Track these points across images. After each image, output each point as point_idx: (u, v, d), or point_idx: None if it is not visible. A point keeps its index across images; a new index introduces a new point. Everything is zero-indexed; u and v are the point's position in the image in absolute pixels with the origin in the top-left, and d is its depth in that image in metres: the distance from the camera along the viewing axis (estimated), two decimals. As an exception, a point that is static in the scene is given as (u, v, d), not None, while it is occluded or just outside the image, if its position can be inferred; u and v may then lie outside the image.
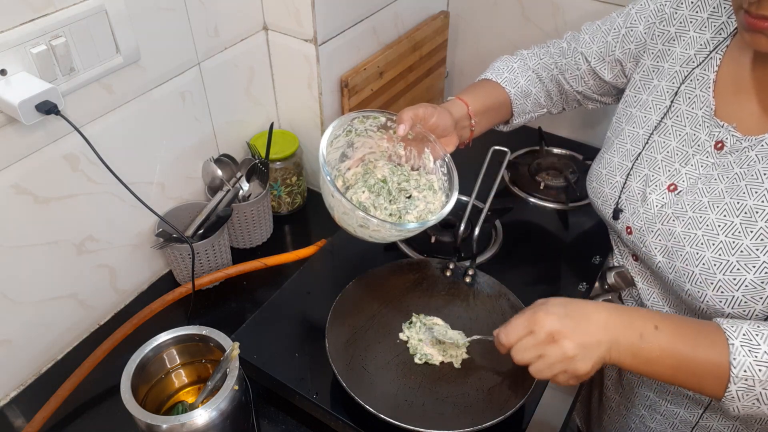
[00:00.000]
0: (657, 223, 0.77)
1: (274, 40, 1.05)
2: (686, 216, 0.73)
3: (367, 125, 0.86)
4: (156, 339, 0.75)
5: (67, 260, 0.87)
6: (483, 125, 0.94)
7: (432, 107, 0.85)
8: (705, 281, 0.70)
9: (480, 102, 0.93)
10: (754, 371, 0.60)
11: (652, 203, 0.78)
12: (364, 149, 0.88)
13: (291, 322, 0.89)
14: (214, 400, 0.68)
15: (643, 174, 0.80)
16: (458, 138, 0.90)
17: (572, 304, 0.67)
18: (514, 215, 1.07)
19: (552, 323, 0.65)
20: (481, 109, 0.93)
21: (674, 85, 0.79)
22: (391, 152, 0.89)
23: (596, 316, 0.66)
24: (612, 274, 0.97)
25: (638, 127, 0.83)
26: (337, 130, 0.84)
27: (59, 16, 0.72)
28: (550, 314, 0.66)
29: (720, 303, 0.69)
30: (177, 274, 1.02)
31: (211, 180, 1.04)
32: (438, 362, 0.80)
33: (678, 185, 0.76)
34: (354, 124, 0.86)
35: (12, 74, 0.70)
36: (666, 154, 0.78)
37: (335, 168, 0.85)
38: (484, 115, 0.93)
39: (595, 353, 0.65)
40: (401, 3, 1.16)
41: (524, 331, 0.67)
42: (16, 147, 0.74)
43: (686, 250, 0.72)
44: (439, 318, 0.86)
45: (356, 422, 0.75)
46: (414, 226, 0.78)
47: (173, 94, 0.93)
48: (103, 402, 0.86)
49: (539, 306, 0.68)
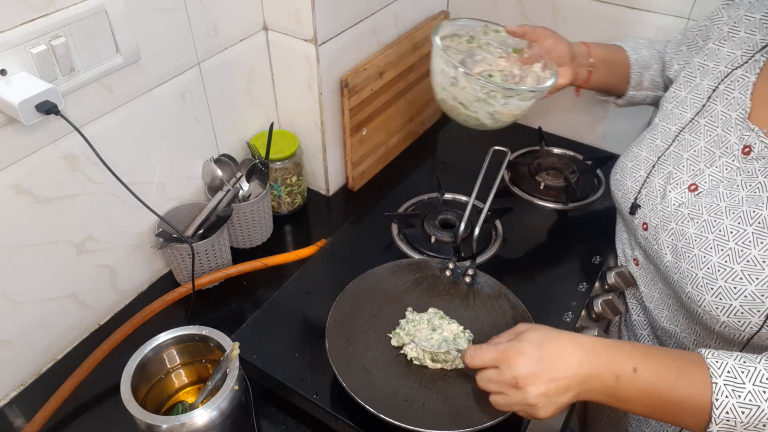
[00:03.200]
0: (672, 222, 0.76)
1: (274, 40, 1.05)
2: (701, 218, 0.72)
3: (489, 38, 0.93)
4: (156, 339, 0.75)
5: (67, 260, 0.87)
6: (601, 74, 0.94)
7: (552, 31, 0.88)
8: (706, 286, 0.69)
9: (601, 49, 0.93)
10: (737, 413, 0.58)
11: (671, 201, 0.77)
12: (483, 65, 0.94)
13: (291, 322, 0.89)
14: (214, 400, 0.68)
15: (666, 171, 0.79)
16: (574, 73, 0.90)
17: (548, 344, 0.65)
18: (514, 215, 1.07)
19: (520, 367, 0.64)
20: (601, 56, 0.93)
21: (714, 84, 0.78)
22: (507, 72, 0.92)
23: (571, 359, 0.63)
24: (612, 274, 0.97)
25: (671, 124, 0.82)
26: (459, 29, 0.94)
27: (59, 16, 0.72)
28: (521, 355, 0.64)
29: (717, 310, 0.68)
30: (177, 274, 1.02)
31: (211, 180, 1.04)
32: (436, 368, 0.80)
33: (699, 186, 0.75)
34: (477, 34, 0.94)
35: (12, 74, 0.70)
36: (692, 153, 0.77)
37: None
38: (603, 64, 0.93)
39: (559, 400, 0.63)
40: (401, 3, 1.16)
41: (491, 363, 0.67)
42: (16, 147, 0.74)
43: (694, 252, 0.71)
44: (434, 308, 0.86)
45: (356, 422, 0.75)
46: (531, 88, 0.85)
47: (173, 94, 0.93)
48: (103, 402, 0.86)
49: (514, 342, 0.66)
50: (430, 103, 1.38)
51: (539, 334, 0.66)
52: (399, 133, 1.29)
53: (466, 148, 1.29)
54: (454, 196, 1.13)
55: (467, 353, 0.70)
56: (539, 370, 0.63)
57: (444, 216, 1.07)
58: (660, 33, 1.13)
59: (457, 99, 0.91)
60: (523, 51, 0.96)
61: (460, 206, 1.10)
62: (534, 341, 0.65)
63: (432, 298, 0.89)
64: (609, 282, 0.97)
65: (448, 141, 1.34)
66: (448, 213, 1.08)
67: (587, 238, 1.07)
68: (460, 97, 0.90)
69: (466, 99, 0.89)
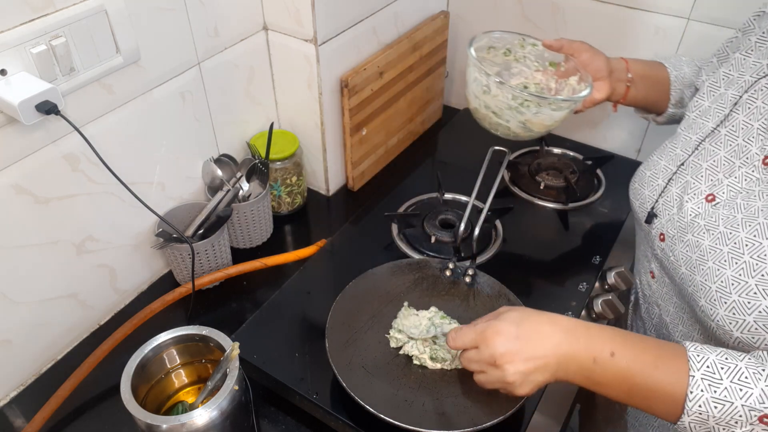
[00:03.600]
0: (688, 233, 0.75)
1: (274, 40, 1.05)
2: (717, 230, 0.71)
3: (526, 51, 0.94)
4: (156, 339, 0.75)
5: (67, 260, 0.87)
6: (640, 90, 0.93)
7: (589, 45, 0.88)
8: (719, 299, 0.68)
9: (640, 66, 0.92)
10: (709, 407, 0.59)
11: (687, 212, 0.76)
12: (519, 77, 0.95)
13: (291, 322, 0.89)
14: (214, 400, 0.68)
15: (684, 180, 0.78)
16: (611, 88, 0.90)
17: (526, 323, 0.67)
18: (514, 215, 1.07)
19: (498, 345, 0.65)
20: (640, 72, 0.92)
21: (739, 93, 0.77)
22: (543, 85, 0.93)
23: (549, 338, 0.65)
24: (612, 274, 0.97)
25: (692, 133, 0.81)
26: (496, 42, 0.95)
27: (59, 16, 0.72)
28: (499, 334, 0.66)
29: (729, 325, 0.67)
30: (177, 274, 1.02)
31: (211, 180, 1.04)
32: (436, 368, 0.80)
33: (717, 196, 0.74)
34: (514, 47, 0.95)
35: (12, 74, 0.70)
36: (712, 163, 0.76)
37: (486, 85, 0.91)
38: (642, 80, 0.93)
39: (536, 378, 0.65)
40: (401, 3, 1.16)
41: (471, 344, 0.69)
42: (16, 147, 0.74)
43: (708, 264, 0.70)
44: (435, 308, 0.86)
45: (356, 422, 0.75)
46: (566, 98, 0.87)
47: (173, 94, 0.93)
48: (103, 402, 0.86)
49: (493, 321, 0.68)
50: (430, 103, 1.38)
51: (518, 314, 0.68)
52: (399, 133, 1.29)
53: (466, 148, 1.29)
54: (454, 196, 1.13)
55: (449, 335, 0.72)
56: (516, 348, 0.65)
57: (444, 216, 1.07)
58: (660, 33, 1.13)
59: (489, 107, 0.91)
60: (559, 65, 0.97)
61: (460, 206, 1.10)
62: (512, 320, 0.67)
63: (432, 298, 0.89)
64: (609, 282, 0.97)
65: (448, 141, 1.34)
66: (448, 213, 1.08)
67: (587, 238, 1.07)
68: (492, 105, 0.91)
69: (497, 107, 0.90)
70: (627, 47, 1.17)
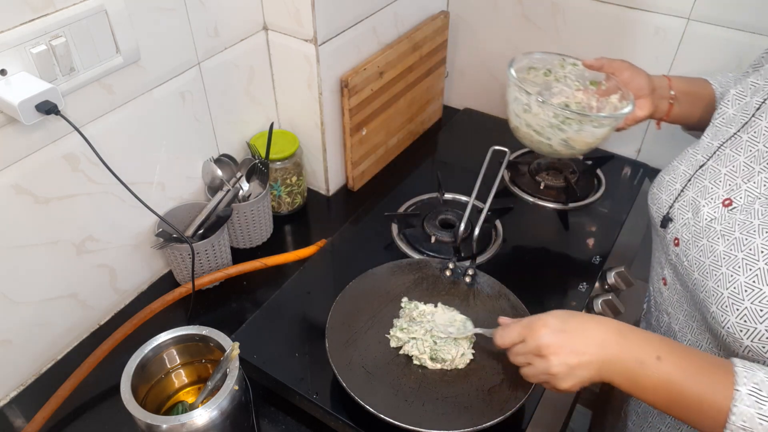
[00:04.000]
0: (703, 238, 0.74)
1: (274, 40, 1.05)
2: (732, 236, 0.70)
3: (566, 71, 0.95)
4: (156, 339, 0.75)
5: (67, 260, 0.87)
6: (683, 107, 0.92)
7: (629, 63, 0.88)
8: (731, 306, 0.67)
9: (683, 83, 0.92)
10: (753, 424, 0.57)
11: (703, 216, 0.75)
12: (560, 97, 0.95)
13: (291, 322, 0.89)
14: (214, 400, 0.68)
15: (702, 185, 0.78)
16: (653, 105, 0.89)
17: (573, 319, 0.67)
18: (514, 215, 1.07)
19: (544, 337, 0.66)
20: (683, 89, 0.91)
21: (761, 99, 0.76)
22: (585, 104, 0.93)
23: (594, 332, 0.65)
24: (612, 274, 0.97)
25: (714, 139, 0.80)
26: (536, 63, 0.97)
27: (59, 16, 0.72)
28: (545, 326, 0.67)
29: (740, 332, 0.66)
30: (177, 274, 1.02)
31: (211, 180, 1.04)
32: (436, 368, 0.80)
33: (734, 201, 0.73)
34: (554, 67, 0.96)
35: (12, 74, 0.70)
36: (731, 168, 0.75)
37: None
38: (686, 97, 0.92)
39: (581, 373, 0.65)
40: (401, 3, 1.16)
41: (518, 338, 0.70)
42: (16, 147, 0.74)
43: (722, 270, 0.69)
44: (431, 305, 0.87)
45: (356, 422, 0.75)
46: (609, 114, 0.88)
47: (173, 94, 0.93)
48: (103, 402, 0.86)
49: (540, 315, 0.69)
50: (430, 103, 1.38)
51: (564, 312, 0.69)
52: (399, 133, 1.29)
53: (466, 148, 1.29)
54: (454, 196, 1.13)
55: (497, 334, 0.72)
56: (562, 341, 0.65)
57: (444, 216, 1.07)
58: (660, 33, 1.13)
59: (530, 126, 0.92)
60: (600, 83, 0.97)
61: (460, 206, 1.10)
62: (558, 316, 0.68)
63: (432, 298, 0.89)
64: (609, 282, 0.97)
65: (448, 141, 1.34)
66: (448, 213, 1.08)
67: (587, 238, 1.07)
68: (533, 123, 0.91)
69: (539, 125, 0.91)
70: (627, 47, 1.18)
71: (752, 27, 1.04)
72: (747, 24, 1.04)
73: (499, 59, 1.35)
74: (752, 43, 1.05)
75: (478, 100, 1.44)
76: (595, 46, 1.21)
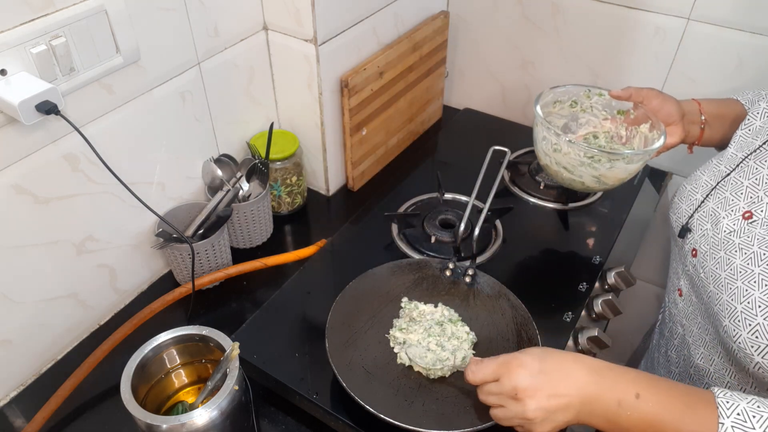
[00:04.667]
0: (721, 250, 0.73)
1: (274, 40, 1.05)
2: (750, 249, 0.70)
3: (593, 102, 0.95)
4: (156, 339, 0.75)
5: (67, 260, 0.87)
6: (716, 131, 0.91)
7: (658, 91, 0.87)
8: (744, 321, 0.66)
9: (714, 106, 0.90)
10: None
11: (722, 228, 0.75)
12: (587, 127, 0.95)
13: (291, 322, 0.89)
14: (214, 400, 0.68)
15: (723, 196, 0.77)
16: (684, 131, 0.88)
17: (551, 358, 0.63)
18: (514, 215, 1.07)
19: (520, 379, 0.62)
20: (714, 112, 0.90)
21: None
22: (613, 133, 0.93)
23: (574, 377, 0.62)
24: (612, 274, 0.97)
25: (738, 150, 0.80)
26: (561, 96, 0.96)
27: (59, 16, 0.72)
28: (522, 367, 0.63)
29: (751, 348, 0.65)
30: (177, 274, 1.02)
31: (211, 180, 1.04)
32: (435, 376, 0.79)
33: (754, 214, 0.72)
34: (580, 98, 0.96)
35: (12, 74, 0.70)
36: (753, 181, 0.75)
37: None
38: (717, 120, 0.90)
39: (558, 417, 0.62)
40: (401, 3, 1.16)
41: (492, 376, 0.66)
42: (16, 147, 0.74)
43: (737, 284, 0.69)
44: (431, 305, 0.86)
45: (356, 422, 0.75)
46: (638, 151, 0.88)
47: (173, 94, 0.93)
48: (103, 402, 0.86)
49: (516, 354, 0.65)
50: (430, 103, 1.38)
51: (541, 349, 0.65)
52: (399, 133, 1.29)
53: (466, 148, 1.29)
54: (454, 196, 1.13)
55: (469, 370, 0.69)
56: (540, 383, 0.62)
57: (444, 216, 1.07)
58: (660, 33, 1.13)
59: (560, 164, 0.92)
60: (628, 112, 0.96)
61: (460, 206, 1.10)
62: (536, 355, 0.64)
63: (432, 298, 0.89)
64: (609, 282, 0.97)
65: (448, 141, 1.34)
66: (448, 213, 1.08)
67: (587, 238, 1.07)
68: (564, 162, 0.91)
69: (569, 164, 0.90)
70: (627, 47, 1.18)
71: (752, 27, 1.04)
72: (747, 24, 1.04)
73: (499, 59, 1.35)
74: (752, 43, 1.05)
75: (478, 100, 1.44)
76: (595, 46, 1.21)
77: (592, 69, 1.24)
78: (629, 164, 0.89)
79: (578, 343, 0.87)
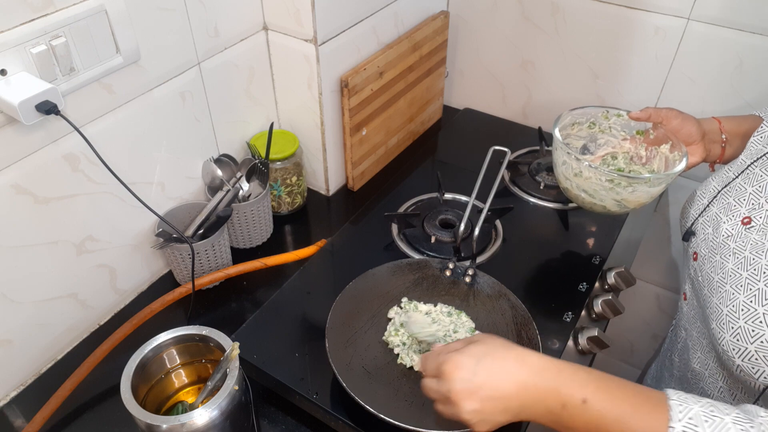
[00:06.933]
0: (717, 254, 0.74)
1: (274, 40, 1.05)
2: (743, 254, 0.70)
3: (611, 122, 0.94)
4: (156, 339, 0.75)
5: (67, 260, 0.87)
6: (737, 148, 0.89)
7: (677, 111, 0.86)
8: (728, 324, 0.67)
9: (735, 124, 0.89)
10: None
11: (721, 232, 0.75)
12: (606, 147, 0.94)
13: (291, 322, 0.89)
14: (214, 400, 0.68)
15: (726, 201, 0.78)
16: (705, 150, 0.88)
17: (489, 359, 0.61)
18: (514, 215, 1.07)
19: (455, 382, 0.61)
20: (734, 130, 0.89)
21: None
22: (632, 153, 0.92)
23: (514, 378, 0.60)
24: (612, 274, 0.97)
25: (747, 157, 0.80)
26: (579, 117, 0.96)
27: (59, 16, 0.72)
28: (457, 369, 0.61)
29: (733, 351, 0.66)
30: (177, 274, 1.02)
31: (211, 180, 1.04)
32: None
33: (753, 220, 0.72)
34: (598, 119, 0.95)
35: (12, 74, 0.70)
36: (757, 188, 0.75)
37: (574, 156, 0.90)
38: (738, 138, 0.89)
39: (496, 418, 0.60)
40: (401, 3, 1.16)
41: (432, 372, 0.65)
42: (16, 147, 0.74)
43: (726, 288, 0.69)
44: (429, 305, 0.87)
45: (356, 422, 0.75)
46: (658, 175, 0.87)
47: (173, 94, 0.93)
48: (103, 402, 0.86)
49: (453, 354, 0.63)
50: (430, 103, 1.38)
51: (484, 347, 0.63)
52: (399, 133, 1.29)
53: (466, 148, 1.29)
54: (454, 196, 1.13)
55: (423, 356, 0.68)
56: (474, 387, 0.60)
57: (444, 216, 1.07)
58: (660, 33, 1.13)
59: (581, 188, 0.91)
60: (648, 132, 0.96)
61: (460, 206, 1.10)
62: (474, 355, 0.62)
63: (432, 298, 0.89)
64: (609, 282, 0.97)
65: (448, 141, 1.34)
66: (448, 213, 1.08)
67: (587, 238, 1.07)
68: (585, 186, 0.91)
69: (590, 188, 0.90)
70: (627, 47, 1.18)
71: (752, 27, 1.04)
72: (747, 24, 1.04)
73: (499, 59, 1.35)
74: (752, 43, 1.05)
75: (478, 100, 1.44)
76: (595, 46, 1.21)
77: (592, 69, 1.24)
78: (651, 188, 0.87)
79: (578, 343, 0.87)
